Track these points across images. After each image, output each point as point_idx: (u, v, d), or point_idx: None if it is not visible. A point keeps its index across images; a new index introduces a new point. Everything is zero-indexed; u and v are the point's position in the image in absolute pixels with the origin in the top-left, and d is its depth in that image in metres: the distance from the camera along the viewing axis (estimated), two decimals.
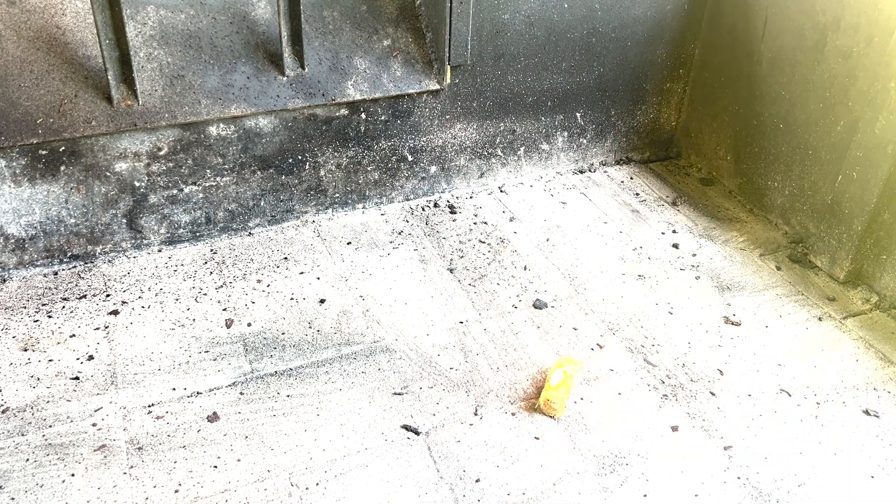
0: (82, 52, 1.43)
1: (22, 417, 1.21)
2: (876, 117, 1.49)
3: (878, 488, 1.17)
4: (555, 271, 1.62)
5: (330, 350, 1.37)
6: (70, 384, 1.27)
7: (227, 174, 1.60)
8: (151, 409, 1.24)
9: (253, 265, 1.58)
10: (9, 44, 1.38)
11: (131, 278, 1.53)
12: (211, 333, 1.40)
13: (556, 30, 1.78)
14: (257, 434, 1.20)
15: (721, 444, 1.23)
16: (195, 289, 1.51)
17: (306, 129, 1.63)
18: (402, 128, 1.73)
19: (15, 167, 1.41)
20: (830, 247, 1.63)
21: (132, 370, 1.31)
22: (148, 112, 1.45)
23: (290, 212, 1.72)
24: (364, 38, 1.64)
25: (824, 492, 1.16)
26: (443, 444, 1.20)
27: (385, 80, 1.64)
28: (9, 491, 1.09)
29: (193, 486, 1.11)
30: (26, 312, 1.42)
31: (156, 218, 1.58)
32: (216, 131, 1.54)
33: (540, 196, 1.90)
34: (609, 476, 1.16)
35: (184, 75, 1.48)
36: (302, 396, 1.27)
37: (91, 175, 1.48)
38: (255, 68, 1.54)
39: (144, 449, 1.17)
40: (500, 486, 1.14)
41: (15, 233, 1.47)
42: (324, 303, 1.49)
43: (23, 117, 1.37)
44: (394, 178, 1.79)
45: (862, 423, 1.28)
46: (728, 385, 1.34)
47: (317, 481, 1.13)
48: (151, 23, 1.47)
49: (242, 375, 1.31)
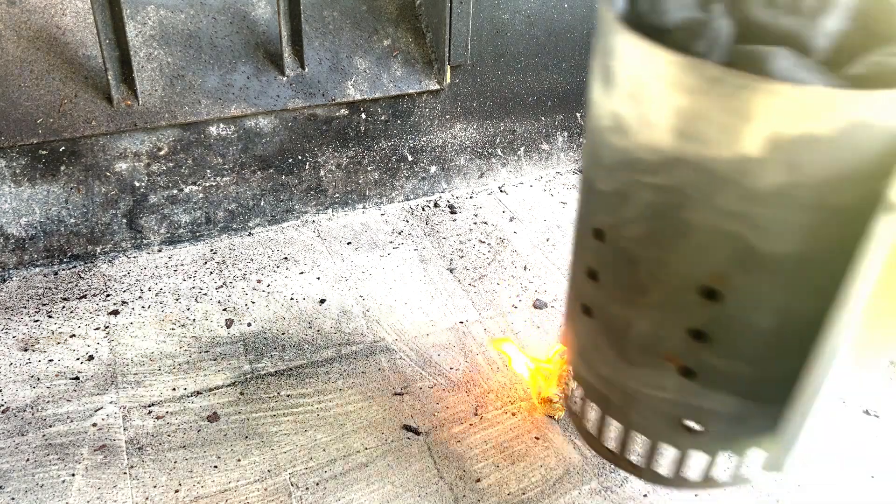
0: (82, 52, 1.43)
1: (22, 417, 1.21)
2: None
3: (879, 488, 1.17)
4: (555, 271, 1.62)
5: (330, 350, 1.37)
6: (70, 384, 1.27)
7: (227, 174, 1.60)
8: (151, 409, 1.24)
9: (253, 265, 1.58)
10: (9, 44, 1.38)
11: (131, 278, 1.53)
12: (211, 333, 1.40)
13: (556, 30, 1.78)
14: (257, 434, 1.20)
15: None
16: (195, 289, 1.51)
17: (306, 129, 1.63)
18: (402, 128, 1.73)
19: (15, 167, 1.41)
20: None
21: (132, 370, 1.31)
22: (148, 112, 1.45)
23: (290, 212, 1.72)
24: (364, 38, 1.64)
25: (824, 492, 1.16)
26: (443, 444, 1.20)
27: (385, 80, 1.64)
28: (9, 491, 1.09)
29: (194, 486, 1.11)
30: (26, 312, 1.42)
31: (156, 218, 1.58)
32: (216, 131, 1.54)
33: (540, 196, 1.90)
34: (609, 476, 1.16)
35: (184, 75, 1.48)
36: (302, 396, 1.27)
37: (91, 175, 1.48)
38: (255, 68, 1.54)
39: (144, 449, 1.17)
40: (501, 486, 1.14)
41: (15, 233, 1.47)
42: (324, 303, 1.49)
43: (23, 117, 1.37)
44: (394, 178, 1.79)
45: (862, 423, 1.28)
46: None
47: (317, 481, 1.13)
48: (151, 23, 1.47)
49: (242, 375, 1.31)
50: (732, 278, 0.75)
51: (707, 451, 0.91)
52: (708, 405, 0.86)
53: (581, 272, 0.91)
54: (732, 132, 0.66)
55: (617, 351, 0.90)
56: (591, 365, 0.96)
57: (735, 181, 0.69)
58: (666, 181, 0.73)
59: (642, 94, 0.71)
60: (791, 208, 0.69)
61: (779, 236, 0.71)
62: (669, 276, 0.79)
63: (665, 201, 0.74)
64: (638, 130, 0.73)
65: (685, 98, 0.67)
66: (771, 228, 0.70)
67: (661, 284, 0.80)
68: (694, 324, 0.80)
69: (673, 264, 0.78)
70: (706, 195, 0.71)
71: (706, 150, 0.69)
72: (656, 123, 0.70)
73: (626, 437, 0.97)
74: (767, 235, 0.71)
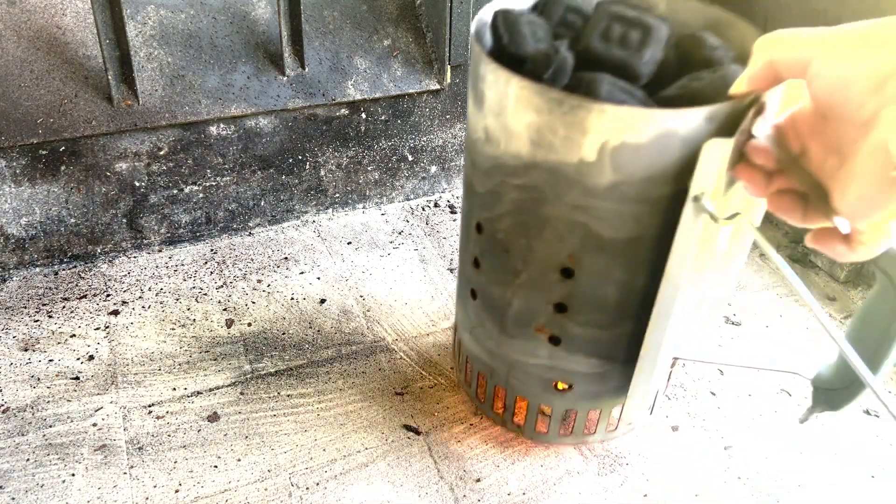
0: (82, 52, 1.43)
1: (22, 417, 1.21)
2: None
3: (879, 488, 1.17)
4: None
5: (330, 350, 1.37)
6: (70, 384, 1.27)
7: (228, 174, 1.60)
8: (151, 409, 1.24)
9: (253, 265, 1.58)
10: (9, 44, 1.38)
11: (131, 278, 1.53)
12: (211, 333, 1.40)
13: None
14: (257, 434, 1.20)
15: (721, 443, 1.23)
16: (195, 289, 1.51)
17: (306, 128, 1.63)
18: (403, 127, 1.73)
19: (15, 167, 1.41)
20: None
21: (132, 370, 1.31)
22: (148, 112, 1.45)
23: (291, 212, 1.72)
24: (364, 38, 1.64)
25: (824, 492, 1.16)
26: (443, 444, 1.20)
27: (385, 80, 1.64)
28: (9, 491, 1.09)
29: (194, 487, 1.11)
30: (26, 312, 1.42)
31: (156, 218, 1.58)
32: (216, 131, 1.54)
33: None
34: (609, 476, 1.16)
35: (184, 75, 1.48)
36: (302, 396, 1.27)
37: (91, 175, 1.48)
38: (255, 68, 1.54)
39: (145, 449, 1.17)
40: (501, 486, 1.14)
41: (15, 233, 1.47)
42: (324, 303, 1.49)
43: (23, 117, 1.37)
44: (394, 178, 1.79)
45: (862, 423, 1.28)
46: (728, 385, 1.34)
47: (317, 481, 1.13)
48: (152, 23, 1.47)
49: (242, 375, 1.31)
50: (583, 259, 0.93)
51: (577, 407, 1.12)
52: (572, 367, 1.06)
53: (468, 261, 1.08)
54: (573, 142, 0.83)
55: (499, 327, 1.07)
56: (479, 341, 1.13)
57: (578, 181, 0.86)
58: (527, 182, 0.90)
59: (505, 111, 0.87)
60: (621, 201, 0.87)
61: (614, 224, 0.89)
62: (535, 260, 0.96)
63: (528, 198, 0.91)
64: (503, 141, 0.90)
65: (535, 115, 0.84)
66: (607, 218, 0.89)
67: (529, 267, 0.98)
68: (557, 298, 0.99)
69: (538, 250, 0.95)
70: (558, 192, 0.88)
71: (555, 156, 0.86)
72: (516, 135, 0.87)
73: (511, 402, 1.15)
74: (605, 223, 0.89)
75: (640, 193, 0.86)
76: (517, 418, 1.16)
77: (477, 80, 0.92)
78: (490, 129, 0.92)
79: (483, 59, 0.88)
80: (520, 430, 1.17)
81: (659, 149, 0.82)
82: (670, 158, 0.83)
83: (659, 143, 0.81)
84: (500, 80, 0.86)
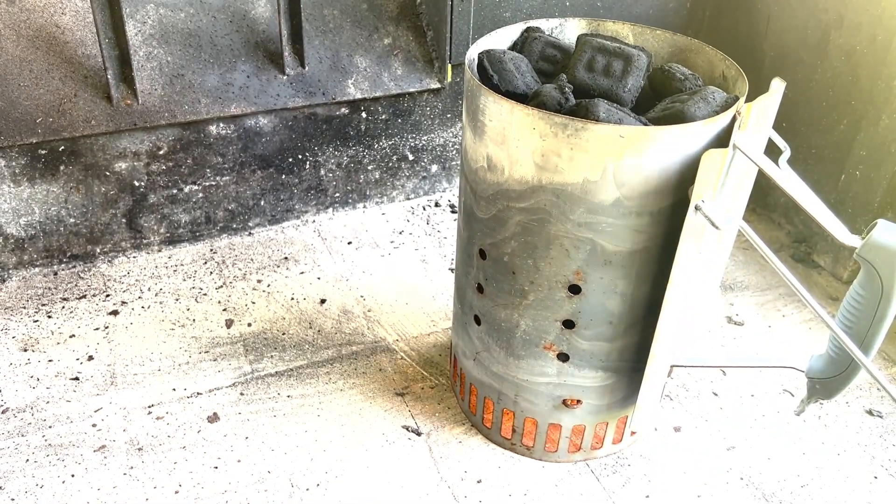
0: (82, 51, 1.42)
1: (22, 418, 1.20)
2: (879, 116, 1.48)
3: (882, 489, 1.16)
4: None
5: (331, 350, 1.37)
6: (70, 384, 1.27)
7: (227, 173, 1.60)
8: (151, 409, 1.23)
9: (253, 265, 1.58)
10: (8, 43, 1.37)
11: (131, 278, 1.52)
12: (211, 334, 1.39)
13: None
14: (258, 434, 1.20)
15: (724, 444, 1.22)
16: (195, 289, 1.50)
17: (306, 128, 1.62)
18: (403, 127, 1.73)
19: (14, 167, 1.41)
20: (833, 246, 1.62)
21: (132, 370, 1.30)
22: (148, 111, 1.44)
23: (291, 211, 1.71)
24: (364, 37, 1.63)
25: (827, 492, 1.15)
26: (444, 445, 1.20)
27: (386, 79, 1.63)
28: (9, 491, 1.09)
29: (194, 487, 1.11)
30: (26, 312, 1.42)
31: (156, 217, 1.58)
32: (216, 130, 1.54)
33: None
34: (611, 477, 1.16)
35: (183, 74, 1.48)
36: (302, 397, 1.27)
37: (91, 175, 1.47)
38: (255, 67, 1.53)
39: (144, 449, 1.16)
40: (502, 487, 1.13)
41: (14, 233, 1.47)
42: (324, 303, 1.48)
43: (22, 117, 1.36)
44: (394, 178, 1.79)
45: (865, 424, 1.27)
46: (731, 385, 1.34)
47: (317, 482, 1.13)
48: (151, 22, 1.47)
49: (243, 376, 1.30)
50: (589, 274, 0.96)
51: (585, 422, 1.13)
52: (581, 382, 1.08)
53: (471, 288, 1.10)
54: (577, 162, 0.88)
55: (506, 349, 1.09)
56: (484, 366, 1.14)
57: (583, 199, 0.90)
58: (533, 204, 0.94)
59: (507, 140, 0.92)
60: (625, 215, 0.91)
61: (618, 237, 0.93)
62: (543, 279, 0.99)
63: (533, 219, 0.95)
64: (507, 167, 0.94)
65: (541, 140, 0.88)
66: (612, 232, 0.93)
67: (537, 287, 1.00)
68: (564, 315, 1.01)
69: (545, 269, 0.98)
70: (563, 212, 0.92)
71: (559, 177, 0.90)
72: (522, 161, 0.91)
73: (519, 423, 1.15)
74: (610, 238, 0.93)
75: (642, 206, 0.90)
76: (526, 440, 1.16)
77: (476, 112, 0.96)
78: (493, 158, 0.95)
79: (482, 91, 0.93)
80: (529, 451, 1.17)
81: (659, 163, 0.87)
82: (670, 171, 0.88)
83: (659, 158, 0.86)
84: (504, 109, 0.90)
